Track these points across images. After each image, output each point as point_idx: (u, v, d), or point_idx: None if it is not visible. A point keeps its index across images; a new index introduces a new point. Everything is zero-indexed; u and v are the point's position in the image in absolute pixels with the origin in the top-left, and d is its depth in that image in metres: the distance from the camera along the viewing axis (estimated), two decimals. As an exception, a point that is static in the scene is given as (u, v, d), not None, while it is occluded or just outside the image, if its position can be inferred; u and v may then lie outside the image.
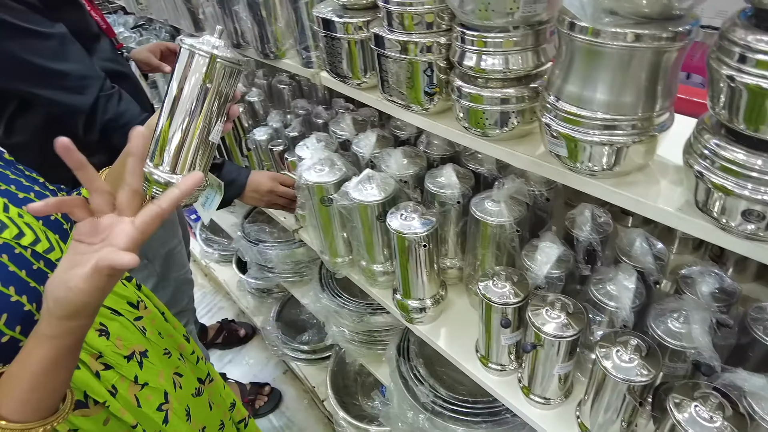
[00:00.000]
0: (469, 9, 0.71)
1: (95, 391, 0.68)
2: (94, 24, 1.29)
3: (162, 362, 0.81)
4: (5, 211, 0.61)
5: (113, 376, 0.71)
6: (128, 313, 0.79)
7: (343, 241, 1.19)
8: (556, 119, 0.68)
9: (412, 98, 0.91)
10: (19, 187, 0.67)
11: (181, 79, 0.61)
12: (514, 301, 0.82)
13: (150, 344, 0.80)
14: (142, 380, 0.75)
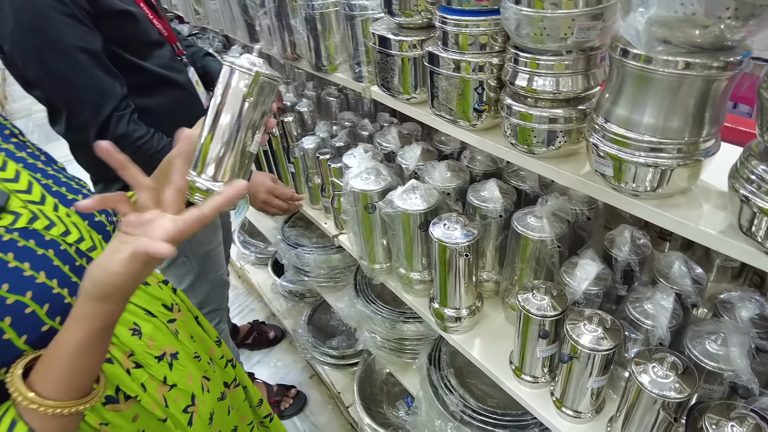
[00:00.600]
0: (525, 33, 0.75)
1: (127, 386, 0.71)
2: (155, 32, 1.38)
3: (192, 365, 0.83)
4: (55, 210, 0.67)
5: (143, 374, 0.73)
6: (162, 315, 0.81)
7: (383, 248, 1.24)
8: (604, 140, 0.71)
9: (461, 114, 0.95)
10: (69, 189, 0.73)
11: (223, 94, 0.65)
12: (552, 314, 0.84)
13: (181, 347, 0.82)
14: (171, 381, 0.77)
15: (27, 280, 0.58)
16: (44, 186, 0.69)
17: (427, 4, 0.96)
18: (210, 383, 0.87)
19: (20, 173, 0.67)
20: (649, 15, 0.59)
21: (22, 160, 0.70)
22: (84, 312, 0.54)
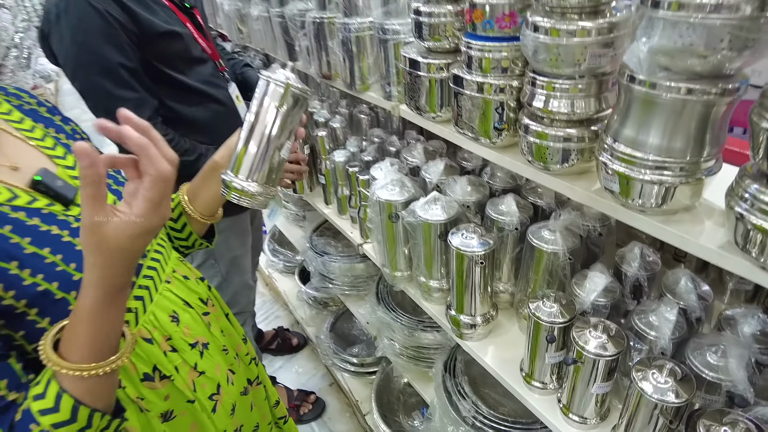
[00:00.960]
0: (542, 58, 0.82)
1: (164, 366, 0.77)
2: (198, 50, 1.50)
3: (220, 356, 0.89)
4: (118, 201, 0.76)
5: (177, 358, 0.80)
6: (198, 307, 0.88)
7: (404, 257, 1.30)
8: (612, 158, 0.77)
9: (482, 132, 1.01)
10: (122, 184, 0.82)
11: (259, 104, 0.72)
12: (560, 321, 0.89)
13: (212, 338, 0.89)
14: (201, 368, 0.83)
15: None
16: (107, 182, 0.78)
17: (455, 30, 1.04)
18: (234, 377, 0.93)
19: None
20: (650, 45, 0.65)
21: None
22: (86, 279, 0.58)
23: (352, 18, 1.34)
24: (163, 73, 1.38)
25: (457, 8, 1.02)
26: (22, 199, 0.65)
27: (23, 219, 0.63)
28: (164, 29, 1.34)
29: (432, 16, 1.04)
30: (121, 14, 1.26)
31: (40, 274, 0.62)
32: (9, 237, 0.61)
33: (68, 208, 0.69)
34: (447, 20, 1.03)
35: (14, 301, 0.60)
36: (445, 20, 1.03)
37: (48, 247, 0.63)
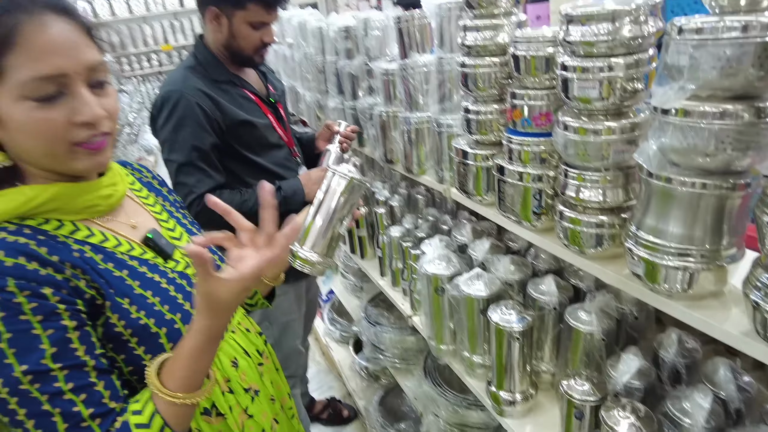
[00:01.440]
0: (571, 153, 0.92)
1: (221, 404, 0.87)
2: (276, 137, 1.73)
3: (268, 405, 0.98)
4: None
5: (232, 399, 0.89)
6: (255, 357, 0.98)
7: (450, 331, 1.36)
8: (636, 245, 0.83)
9: (523, 216, 1.10)
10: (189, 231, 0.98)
11: (326, 191, 0.86)
12: (591, 400, 0.91)
13: (263, 387, 0.98)
14: (251, 412, 0.92)
15: (179, 307, 0.81)
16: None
17: (499, 126, 1.17)
18: (278, 426, 1.01)
19: (183, 234, 0.94)
20: (660, 144, 0.74)
21: (182, 223, 0.97)
22: (195, 326, 0.73)
23: (413, 112, 1.52)
24: (242, 154, 1.63)
25: (500, 108, 1.15)
26: (137, 251, 0.82)
27: (136, 266, 0.80)
28: (244, 119, 1.60)
29: (479, 114, 1.18)
30: (210, 106, 1.54)
31: (143, 311, 0.77)
32: (125, 279, 0.77)
33: (167, 261, 0.85)
34: (492, 117, 1.17)
35: (123, 329, 0.75)
36: (490, 117, 1.17)
37: (150, 290, 0.79)
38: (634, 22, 0.80)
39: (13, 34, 0.66)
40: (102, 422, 0.69)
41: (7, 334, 0.65)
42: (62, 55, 0.69)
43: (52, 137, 0.70)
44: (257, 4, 1.53)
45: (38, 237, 0.72)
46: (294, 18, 2.41)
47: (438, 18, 1.34)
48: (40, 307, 0.67)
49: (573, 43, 0.85)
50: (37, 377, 0.66)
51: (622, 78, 0.83)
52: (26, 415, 0.66)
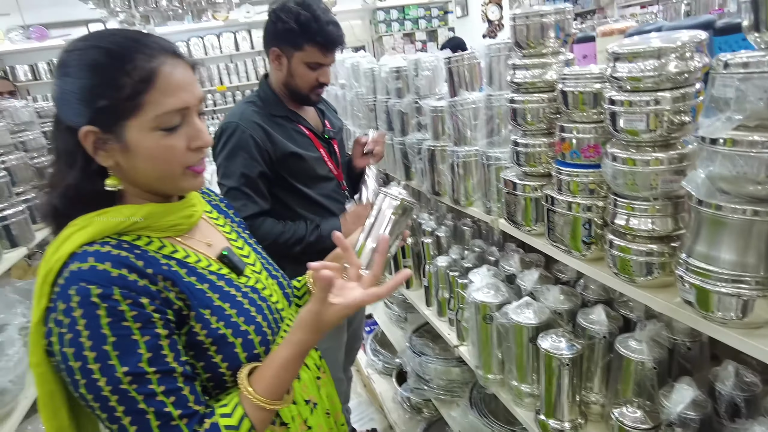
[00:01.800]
0: (620, 182, 0.96)
1: (284, 414, 0.92)
2: (326, 170, 1.83)
3: (323, 418, 1.02)
4: (266, 279, 0.99)
5: (294, 410, 0.94)
6: (314, 370, 1.04)
7: (497, 360, 1.38)
8: (687, 272, 0.84)
9: (573, 245, 1.13)
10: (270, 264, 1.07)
11: (378, 213, 0.93)
12: (643, 428, 0.91)
13: (320, 400, 1.03)
14: (309, 424, 0.97)
15: (252, 319, 0.88)
16: (261, 261, 1.03)
17: (547, 158, 1.21)
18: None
19: (251, 253, 1.02)
20: (709, 172, 0.77)
21: (248, 242, 1.06)
22: (293, 339, 0.83)
23: (461, 146, 1.58)
24: (291, 184, 1.75)
25: (548, 141, 1.20)
26: (214, 266, 0.90)
27: (215, 280, 0.87)
28: (293, 151, 1.72)
29: (528, 147, 1.23)
30: (262, 137, 1.67)
31: (222, 321, 0.84)
32: (206, 292, 0.85)
33: (239, 276, 0.93)
34: (540, 150, 1.22)
35: (204, 338, 0.82)
36: (539, 150, 1.22)
37: (228, 303, 0.86)
38: (680, 58, 0.84)
39: (153, 76, 0.78)
40: (188, 422, 0.76)
41: (112, 338, 0.73)
42: (186, 91, 0.81)
43: (172, 161, 0.81)
44: (314, 46, 1.66)
45: (135, 251, 0.81)
46: (347, 60, 2.56)
47: (488, 58, 1.42)
48: (140, 315, 0.75)
49: (620, 79, 0.90)
50: (135, 378, 0.74)
51: (669, 111, 0.87)
52: (124, 412, 0.73)
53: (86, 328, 0.73)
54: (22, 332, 1.69)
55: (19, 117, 2.41)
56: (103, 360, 0.73)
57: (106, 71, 0.77)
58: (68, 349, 0.74)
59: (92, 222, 0.81)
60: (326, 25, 1.64)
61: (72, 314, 0.74)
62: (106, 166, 0.81)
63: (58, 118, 0.83)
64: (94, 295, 0.73)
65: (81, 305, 0.73)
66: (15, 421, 1.55)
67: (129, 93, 0.76)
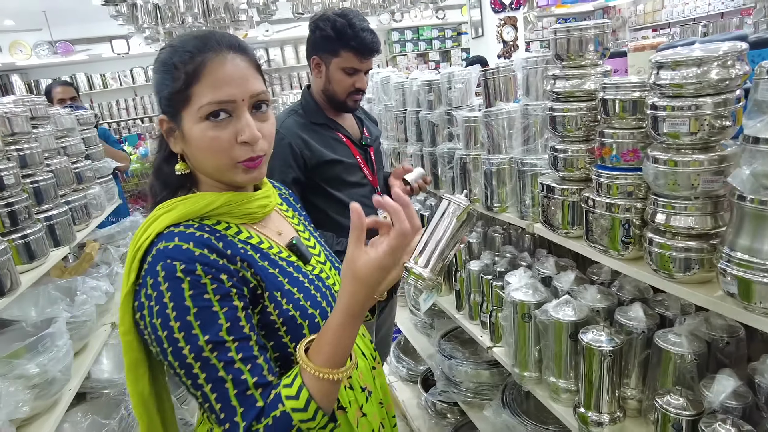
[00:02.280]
0: (662, 183, 1.02)
1: (342, 397, 0.95)
2: (361, 176, 1.90)
3: (377, 408, 1.06)
4: (330, 269, 1.04)
5: (351, 395, 0.98)
6: (371, 360, 1.08)
7: (534, 359, 1.42)
8: (730, 264, 0.90)
9: (611, 246, 1.19)
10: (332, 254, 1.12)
11: (442, 215, 0.95)
12: (687, 414, 0.95)
13: (375, 389, 1.06)
14: (365, 411, 1.00)
15: (318, 304, 0.94)
16: (326, 253, 1.09)
17: (585, 163, 1.28)
18: (384, 431, 1.11)
19: (316, 244, 1.08)
20: (752, 169, 0.83)
21: (314, 234, 1.13)
22: (340, 303, 0.80)
23: (494, 154, 1.66)
24: (325, 189, 1.82)
25: (586, 147, 1.27)
26: (284, 253, 0.96)
27: (285, 266, 0.94)
28: (330, 158, 1.80)
29: (567, 153, 1.30)
30: (300, 145, 1.75)
31: (291, 303, 0.90)
32: (277, 276, 0.91)
33: (306, 265, 0.99)
34: (578, 155, 1.28)
35: (276, 318, 0.88)
36: (577, 156, 1.29)
37: (296, 287, 0.93)
38: (722, 66, 0.91)
39: (201, 69, 0.84)
40: (263, 392, 0.81)
41: (194, 309, 0.80)
42: (233, 85, 0.85)
43: (219, 152, 0.86)
44: (350, 52, 1.75)
45: (215, 234, 0.88)
46: (377, 75, 2.67)
47: (525, 70, 1.50)
48: (219, 288, 0.82)
49: (663, 86, 0.97)
50: (216, 347, 0.79)
51: (710, 115, 0.94)
52: (205, 379, 0.79)
53: (171, 300, 0.80)
54: (69, 325, 1.76)
55: (62, 123, 2.51)
56: (187, 329, 0.79)
57: (169, 65, 0.86)
58: (156, 320, 0.80)
59: (177, 206, 0.89)
60: (361, 32, 1.73)
61: (159, 288, 0.80)
62: (176, 152, 0.91)
63: None
64: (179, 270, 0.80)
65: (167, 279, 0.80)
66: (60, 411, 1.61)
67: (182, 84, 0.84)
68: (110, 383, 2.01)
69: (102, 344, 2.05)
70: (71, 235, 2.08)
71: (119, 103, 8.98)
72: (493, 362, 1.89)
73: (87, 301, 1.96)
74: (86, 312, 1.90)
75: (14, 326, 1.71)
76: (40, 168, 1.98)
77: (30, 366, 1.43)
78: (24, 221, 1.67)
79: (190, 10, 5.00)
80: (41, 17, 6.95)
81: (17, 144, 1.86)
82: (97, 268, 2.48)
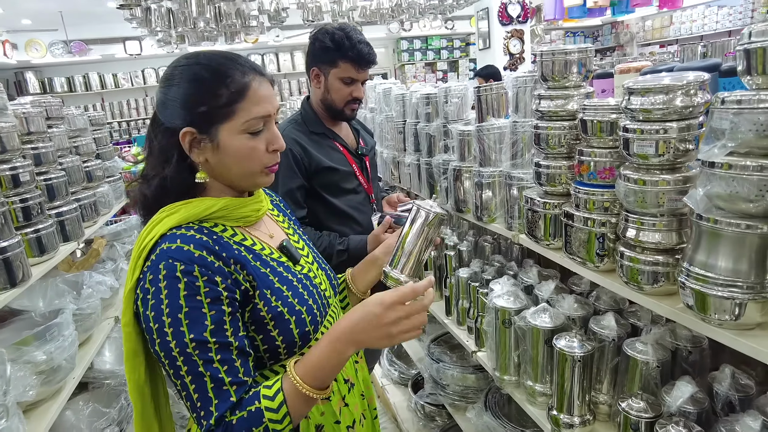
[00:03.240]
0: (632, 200, 1.09)
1: None
2: (356, 183, 1.99)
3: (358, 399, 1.14)
4: (317, 270, 1.13)
5: (334, 386, 1.05)
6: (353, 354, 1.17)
7: (514, 363, 1.49)
8: (688, 278, 0.97)
9: (588, 257, 1.26)
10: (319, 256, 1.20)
11: (412, 222, 1.04)
12: (646, 416, 1.02)
13: (357, 382, 1.14)
14: (347, 401, 1.08)
15: (305, 301, 1.02)
16: (313, 255, 1.17)
17: (567, 178, 1.36)
18: (365, 421, 1.17)
19: (305, 246, 1.16)
20: (706, 190, 0.90)
21: (303, 238, 1.20)
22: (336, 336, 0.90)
23: (485, 167, 1.73)
24: (322, 196, 1.91)
25: (568, 163, 1.35)
26: (275, 255, 1.04)
27: (275, 266, 1.02)
28: (327, 165, 1.89)
29: (549, 168, 1.38)
30: (300, 152, 1.84)
31: (279, 300, 0.98)
32: (268, 275, 0.99)
33: (295, 265, 1.07)
34: (560, 171, 1.36)
35: (265, 314, 0.96)
36: (559, 171, 1.36)
37: (285, 285, 1.00)
38: (686, 94, 0.99)
39: (246, 88, 0.95)
40: (237, 389, 0.88)
41: (185, 308, 0.87)
42: (269, 102, 0.97)
43: (254, 159, 0.97)
44: (347, 62, 1.84)
45: (213, 237, 0.95)
46: (379, 86, 2.75)
47: (515, 88, 1.58)
48: (211, 291, 0.89)
49: (633, 110, 1.05)
50: (198, 345, 0.87)
51: (675, 139, 1.01)
52: (186, 372, 0.87)
53: (166, 297, 0.88)
54: (75, 317, 1.85)
55: (75, 123, 2.62)
56: (176, 326, 0.87)
57: (208, 83, 0.94)
58: (150, 312, 0.88)
59: (179, 209, 0.96)
60: (358, 44, 1.83)
61: (158, 285, 0.88)
62: (197, 162, 0.97)
63: (157, 119, 0.99)
64: (179, 270, 0.88)
65: (166, 278, 0.88)
66: (63, 398, 1.69)
67: (225, 101, 0.93)
68: (111, 374, 2.09)
69: (105, 337, 2.14)
70: (80, 231, 2.17)
71: (130, 103, 9.13)
72: (479, 367, 1.95)
73: (92, 295, 2.05)
74: (91, 305, 1.99)
75: (24, 316, 1.79)
76: (53, 166, 2.07)
77: (38, 353, 1.52)
78: (36, 216, 1.76)
79: (202, 15, 5.12)
80: (57, 17, 7.12)
81: (33, 143, 1.96)
82: (103, 264, 2.57)
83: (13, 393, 1.32)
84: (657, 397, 1.11)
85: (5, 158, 1.68)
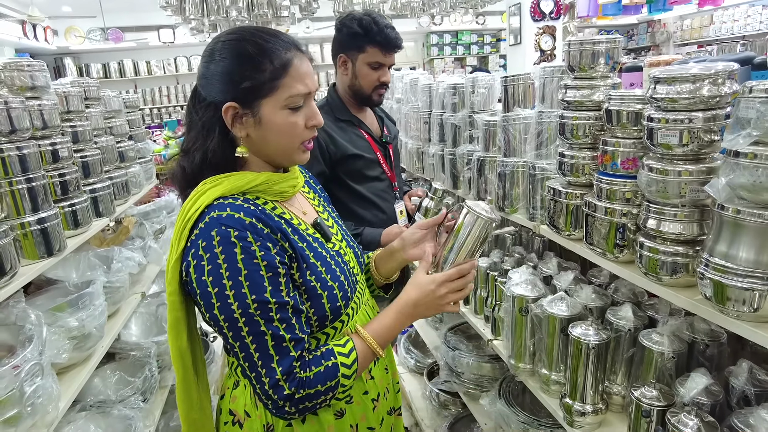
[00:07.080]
0: (653, 190, 1.09)
1: None
2: (380, 171, 2.02)
3: (382, 373, 1.16)
4: (347, 247, 1.16)
5: None
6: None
7: (529, 352, 1.50)
8: (707, 268, 0.97)
9: (607, 248, 1.26)
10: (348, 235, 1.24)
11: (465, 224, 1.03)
12: (658, 405, 1.03)
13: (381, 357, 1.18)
14: (372, 374, 1.12)
15: (337, 277, 1.05)
16: (342, 233, 1.20)
17: (590, 169, 1.36)
18: (389, 395, 1.19)
19: (334, 224, 1.19)
20: (728, 180, 0.90)
21: (332, 216, 1.23)
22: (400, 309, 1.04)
23: (509, 158, 1.74)
24: (346, 183, 1.94)
25: (592, 154, 1.34)
26: (310, 230, 1.07)
27: (311, 241, 1.05)
28: (353, 152, 1.92)
29: (573, 159, 1.38)
30: (326, 140, 1.87)
31: (314, 275, 1.01)
32: (305, 249, 1.02)
33: (327, 242, 1.10)
34: (584, 162, 1.36)
35: (300, 286, 0.99)
36: (583, 162, 1.36)
37: (319, 261, 1.04)
38: (713, 84, 0.98)
39: (289, 64, 0.97)
40: (295, 345, 0.94)
41: (245, 271, 0.91)
42: (310, 79, 1.00)
43: (294, 135, 1.00)
44: (375, 47, 1.87)
45: (258, 208, 0.98)
46: (407, 77, 2.77)
47: (542, 79, 1.58)
48: (266, 255, 0.93)
49: (659, 100, 1.05)
50: (260, 306, 0.91)
51: (700, 129, 1.01)
52: (248, 332, 0.92)
53: (224, 262, 0.91)
54: (104, 290, 1.93)
55: (111, 105, 2.71)
56: (238, 288, 0.91)
57: (252, 59, 0.96)
58: (208, 278, 0.92)
59: (222, 181, 0.99)
60: (385, 28, 1.85)
61: (213, 251, 0.92)
62: (239, 136, 1.00)
63: (199, 95, 1.01)
64: (233, 236, 0.92)
65: (221, 243, 0.92)
66: (92, 365, 1.77)
67: (269, 77, 0.96)
68: (137, 346, 2.17)
69: (132, 311, 2.22)
70: (112, 208, 2.26)
71: (161, 90, 9.33)
72: (495, 356, 1.96)
73: (121, 269, 2.13)
74: (120, 279, 2.07)
75: (58, 285, 1.88)
76: (89, 144, 2.16)
77: (71, 319, 1.59)
78: (73, 191, 1.84)
79: (235, 4, 5.20)
80: (96, 5, 7.31)
81: (71, 121, 2.04)
82: (132, 241, 2.66)
83: (48, 354, 1.39)
84: (671, 388, 1.11)
85: (46, 134, 1.76)
